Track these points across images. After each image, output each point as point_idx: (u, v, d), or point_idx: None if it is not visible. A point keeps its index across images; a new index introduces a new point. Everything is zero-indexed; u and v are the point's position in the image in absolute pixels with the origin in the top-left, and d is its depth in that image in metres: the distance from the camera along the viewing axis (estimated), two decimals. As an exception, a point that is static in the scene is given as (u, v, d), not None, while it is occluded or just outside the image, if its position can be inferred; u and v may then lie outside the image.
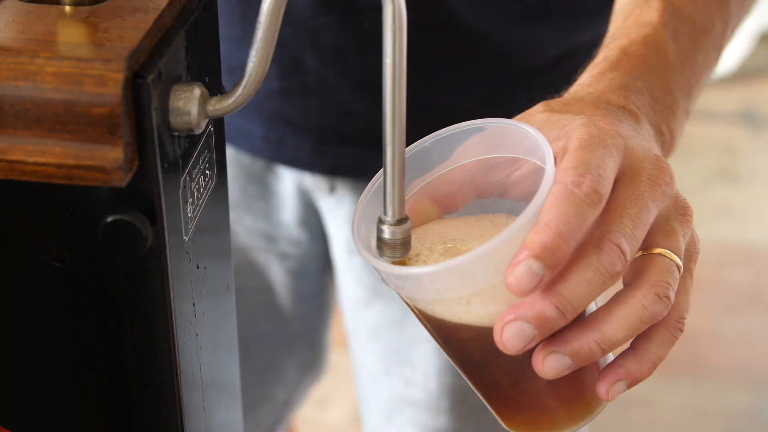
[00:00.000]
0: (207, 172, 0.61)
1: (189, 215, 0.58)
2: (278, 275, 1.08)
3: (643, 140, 0.60)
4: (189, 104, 0.54)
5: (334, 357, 1.23)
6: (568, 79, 0.79)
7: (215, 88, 0.61)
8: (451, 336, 0.60)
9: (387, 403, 1.07)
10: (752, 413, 2.06)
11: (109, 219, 0.53)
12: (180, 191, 0.57)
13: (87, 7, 0.55)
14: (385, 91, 0.54)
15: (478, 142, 0.62)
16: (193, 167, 0.58)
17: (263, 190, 1.05)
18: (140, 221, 0.53)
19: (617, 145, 0.57)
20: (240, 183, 1.05)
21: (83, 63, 0.51)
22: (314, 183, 1.03)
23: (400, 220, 0.57)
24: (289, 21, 0.93)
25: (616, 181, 0.57)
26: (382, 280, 0.59)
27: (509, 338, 0.55)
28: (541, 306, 0.54)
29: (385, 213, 0.57)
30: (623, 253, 0.54)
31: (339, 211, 1.03)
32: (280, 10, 0.53)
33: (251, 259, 1.07)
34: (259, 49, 0.54)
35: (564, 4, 0.96)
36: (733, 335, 2.24)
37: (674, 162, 0.73)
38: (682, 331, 0.58)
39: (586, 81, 0.67)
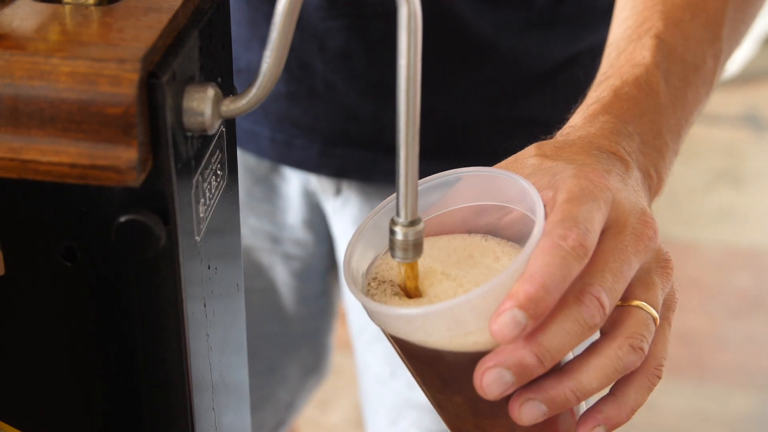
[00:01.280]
0: (219, 172, 0.61)
1: (201, 216, 0.58)
2: (282, 276, 1.08)
3: (631, 192, 0.61)
4: (203, 105, 0.54)
5: (336, 359, 1.23)
6: (573, 83, 0.79)
7: (227, 89, 0.61)
8: (428, 370, 0.61)
9: (392, 405, 1.07)
10: (755, 417, 2.06)
11: (122, 219, 0.53)
12: (192, 191, 0.56)
13: (101, 7, 0.55)
14: (399, 93, 0.54)
15: (469, 188, 0.63)
16: (206, 167, 0.58)
17: (268, 192, 1.05)
18: (153, 221, 0.53)
19: (605, 199, 0.58)
20: (245, 184, 1.05)
21: (98, 63, 0.51)
22: (320, 185, 1.03)
23: (413, 222, 0.57)
24: (297, 25, 0.94)
25: (602, 233, 0.58)
26: (368, 316, 0.60)
27: (489, 384, 0.57)
28: (521, 354, 0.56)
29: (397, 214, 0.57)
30: (602, 306, 0.56)
31: (345, 212, 1.03)
32: (295, 12, 0.53)
33: (255, 260, 1.07)
34: (274, 50, 0.54)
35: (570, 11, 0.96)
36: (736, 338, 2.24)
37: (677, 165, 0.74)
38: (659, 378, 0.60)
39: (579, 123, 0.68)
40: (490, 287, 0.56)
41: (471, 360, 0.58)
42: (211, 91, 0.54)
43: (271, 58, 0.54)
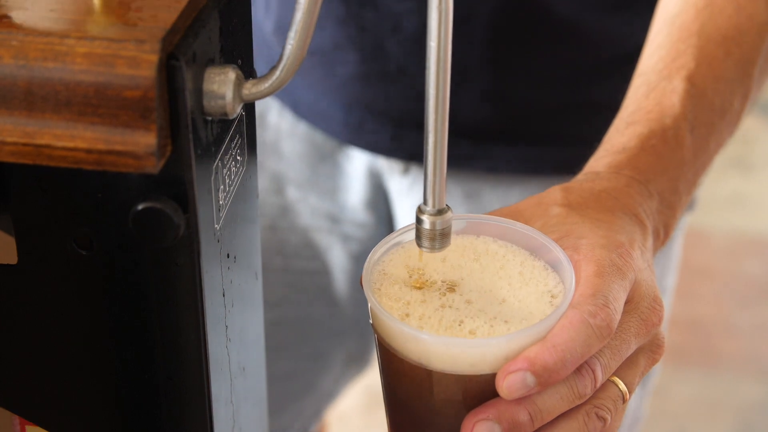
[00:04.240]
0: (238, 158, 0.59)
1: (220, 203, 0.56)
2: (339, 258, 1.07)
3: (649, 272, 0.63)
4: (224, 87, 0.52)
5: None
6: None
7: (247, 71, 0.59)
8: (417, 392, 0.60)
9: None
10: (764, 405, 2.05)
11: (140, 207, 0.51)
12: (212, 178, 0.55)
13: (118, -14, 0.53)
14: (428, 76, 0.52)
15: (501, 231, 0.63)
16: (225, 153, 0.56)
17: (333, 170, 1.04)
18: (172, 209, 0.51)
19: (631, 279, 0.60)
20: (311, 161, 1.04)
21: (116, 44, 0.49)
22: (388, 165, 1.02)
23: (440, 210, 0.56)
24: (373, 5, 0.92)
25: None
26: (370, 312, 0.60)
27: None
28: (516, 410, 0.57)
29: (425, 202, 0.56)
30: (596, 380, 0.58)
31: (411, 194, 1.02)
32: (320, -8, 0.51)
33: (312, 241, 1.06)
34: (298, 32, 0.52)
35: None
36: (746, 326, 2.22)
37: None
38: None
39: (604, 171, 0.68)
40: (506, 339, 0.56)
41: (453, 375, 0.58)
42: (232, 74, 0.52)
43: (295, 41, 0.52)
